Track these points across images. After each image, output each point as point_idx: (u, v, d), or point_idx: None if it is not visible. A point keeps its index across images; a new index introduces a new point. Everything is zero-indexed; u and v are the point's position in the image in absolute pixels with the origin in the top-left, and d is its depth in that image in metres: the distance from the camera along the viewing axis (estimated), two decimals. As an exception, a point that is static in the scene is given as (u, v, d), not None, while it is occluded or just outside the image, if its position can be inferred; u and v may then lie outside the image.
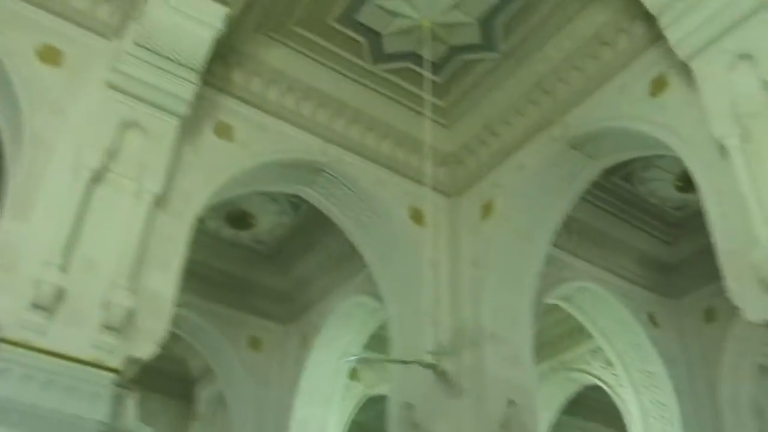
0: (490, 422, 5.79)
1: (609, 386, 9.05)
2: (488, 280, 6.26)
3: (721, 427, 7.92)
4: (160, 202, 5.10)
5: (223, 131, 5.86)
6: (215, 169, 5.66)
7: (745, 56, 4.40)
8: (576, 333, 8.94)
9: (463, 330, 6.03)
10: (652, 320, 8.37)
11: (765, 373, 8.11)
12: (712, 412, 8.00)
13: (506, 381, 5.95)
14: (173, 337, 8.79)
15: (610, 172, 7.14)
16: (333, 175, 6.42)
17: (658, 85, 5.29)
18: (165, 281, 4.97)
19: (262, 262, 9.03)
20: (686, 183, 7.16)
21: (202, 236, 8.34)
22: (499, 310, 6.19)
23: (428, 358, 5.12)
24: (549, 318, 8.68)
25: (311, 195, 6.67)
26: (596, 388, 9.46)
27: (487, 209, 6.52)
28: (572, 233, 7.60)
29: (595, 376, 9.35)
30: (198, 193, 5.46)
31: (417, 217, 6.61)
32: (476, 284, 6.29)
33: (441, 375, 5.31)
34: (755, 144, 4.21)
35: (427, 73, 6.35)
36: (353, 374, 9.38)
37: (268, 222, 8.55)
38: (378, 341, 8.49)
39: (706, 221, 4.53)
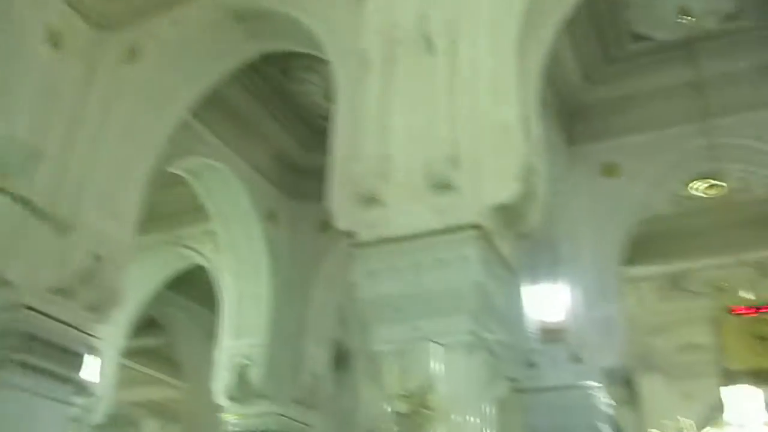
0: (70, 274, 5.46)
1: (215, 269, 9.13)
2: (110, 127, 5.82)
3: (304, 327, 8.48)
4: None
5: None
6: None
7: (413, -16, 4.50)
8: (196, 211, 8.78)
9: (61, 166, 5.56)
10: (272, 216, 8.57)
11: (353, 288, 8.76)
12: (302, 312, 8.52)
13: (97, 233, 5.62)
14: None
15: (270, 60, 7.04)
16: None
17: (332, -14, 5.21)
18: None
19: None
20: (337, 94, 7.31)
21: None
22: (111, 161, 5.79)
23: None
24: (172, 190, 8.45)
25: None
26: (202, 269, 9.51)
27: (133, 54, 6.00)
28: (216, 109, 7.38)
29: (205, 258, 9.37)
30: None
31: (54, 40, 5.87)
32: (96, 127, 5.81)
33: (17, 202, 4.78)
34: (393, 69, 4.34)
35: None
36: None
37: None
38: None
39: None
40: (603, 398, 7.19)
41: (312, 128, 8.40)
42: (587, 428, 7.06)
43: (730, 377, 6.59)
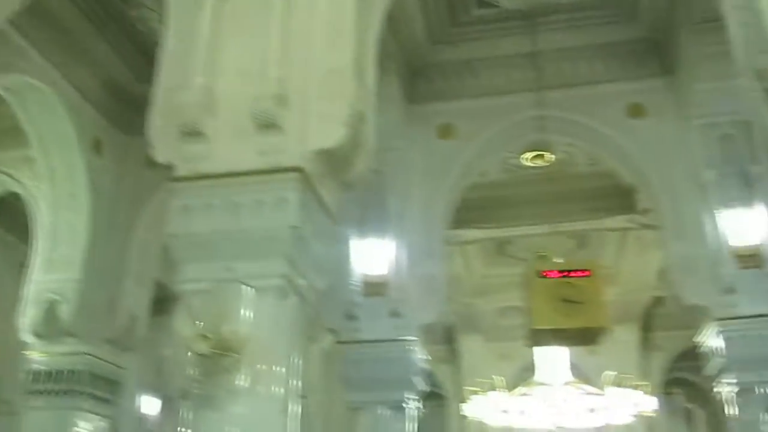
0: None
1: (31, 198, 8.52)
2: None
3: (124, 265, 8.12)
4: None
5: None
6: None
7: None
8: (14, 134, 8.11)
9: None
10: (96, 147, 8.08)
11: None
12: (122, 250, 8.17)
13: None
14: None
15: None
16: None
17: None
18: None
19: None
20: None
21: None
22: None
23: None
24: (-12, 109, 7.79)
25: None
26: (18, 197, 8.86)
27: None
28: (43, 25, 6.84)
29: (21, 184, 8.71)
30: None
31: None
32: None
33: None
34: (230, 6, 4.13)
35: None
36: None
37: None
38: None
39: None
40: (419, 353, 7.38)
41: (147, 57, 7.81)
42: (402, 381, 7.24)
43: (537, 337, 6.93)
